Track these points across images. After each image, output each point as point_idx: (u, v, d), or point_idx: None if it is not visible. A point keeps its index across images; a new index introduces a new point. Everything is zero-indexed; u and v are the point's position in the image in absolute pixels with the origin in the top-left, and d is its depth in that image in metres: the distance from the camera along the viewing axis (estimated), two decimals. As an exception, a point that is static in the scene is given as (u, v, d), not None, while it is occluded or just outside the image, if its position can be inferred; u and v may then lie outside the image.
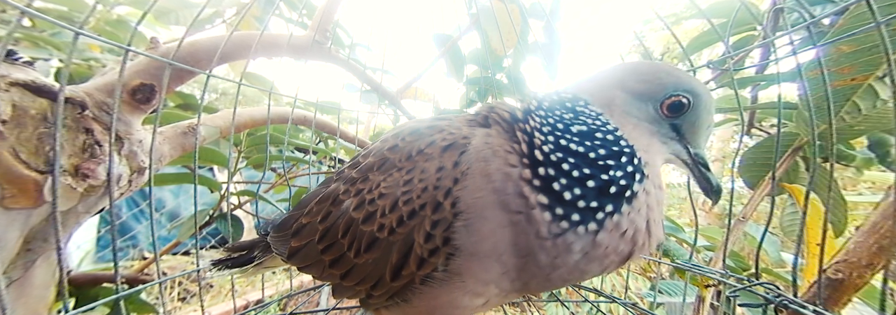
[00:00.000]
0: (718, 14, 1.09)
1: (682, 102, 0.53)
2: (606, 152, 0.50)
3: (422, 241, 0.49)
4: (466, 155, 0.51)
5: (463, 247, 0.48)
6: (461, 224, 0.48)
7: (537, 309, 3.40)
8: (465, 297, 0.51)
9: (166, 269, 3.14)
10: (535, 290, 0.57)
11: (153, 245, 0.64)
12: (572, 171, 0.48)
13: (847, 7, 0.66)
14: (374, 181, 0.57)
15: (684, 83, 0.53)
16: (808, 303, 0.54)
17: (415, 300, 0.53)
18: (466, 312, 0.55)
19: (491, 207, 0.48)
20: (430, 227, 0.49)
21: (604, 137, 0.51)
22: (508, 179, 0.49)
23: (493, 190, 0.48)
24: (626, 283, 1.38)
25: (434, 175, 0.51)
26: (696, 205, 0.84)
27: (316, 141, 1.72)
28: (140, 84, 0.74)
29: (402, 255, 0.51)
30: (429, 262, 0.50)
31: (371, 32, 1.67)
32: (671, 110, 0.53)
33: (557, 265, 0.50)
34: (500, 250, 0.48)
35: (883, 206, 0.62)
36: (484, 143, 0.52)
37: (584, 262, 0.50)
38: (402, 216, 0.51)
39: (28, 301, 0.64)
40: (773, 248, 1.13)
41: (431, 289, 0.51)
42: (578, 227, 0.48)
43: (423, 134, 0.57)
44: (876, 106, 0.79)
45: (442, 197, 0.49)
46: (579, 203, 0.48)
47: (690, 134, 0.55)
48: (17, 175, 0.57)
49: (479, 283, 0.50)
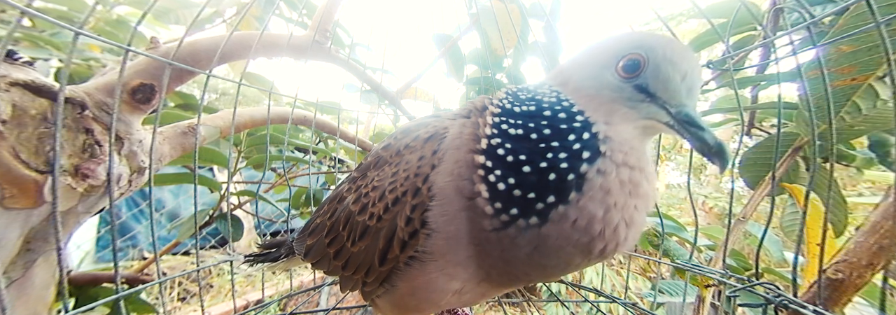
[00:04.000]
0: (718, 14, 1.09)
1: (635, 60, 0.47)
2: (550, 132, 0.46)
3: (403, 225, 0.51)
4: (444, 142, 0.53)
5: (437, 227, 0.49)
6: (435, 205, 0.49)
7: (537, 309, 3.40)
8: (441, 278, 0.53)
9: (166, 269, 3.14)
10: (500, 281, 0.55)
11: (153, 245, 0.64)
12: (507, 156, 0.46)
13: (847, 7, 0.66)
14: (370, 177, 0.61)
15: (634, 40, 0.48)
16: (808, 303, 0.54)
17: (399, 283, 0.55)
18: (444, 296, 0.56)
19: (453, 191, 0.49)
20: (409, 211, 0.51)
21: (552, 115, 0.47)
22: (468, 166, 0.49)
23: (458, 175, 0.49)
24: (626, 283, 1.38)
25: (415, 164, 0.53)
26: (695, 205, 0.85)
27: (316, 141, 1.72)
28: (140, 84, 0.74)
29: (387, 240, 0.54)
30: (409, 244, 0.51)
31: (371, 32, 1.67)
32: (627, 71, 0.47)
33: (508, 259, 0.48)
34: (461, 234, 0.49)
35: (883, 206, 0.62)
36: (459, 131, 0.53)
37: (537, 255, 0.47)
38: (388, 204, 0.54)
39: (28, 301, 0.64)
40: (775, 248, 1.13)
41: (411, 269, 0.53)
42: (518, 220, 0.45)
43: (411, 130, 0.60)
44: (876, 106, 0.79)
45: (421, 182, 0.51)
46: (515, 192, 0.44)
47: (662, 92, 0.47)
48: (17, 175, 0.57)
49: (449, 263, 0.51)
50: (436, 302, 0.57)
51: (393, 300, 0.59)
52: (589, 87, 0.50)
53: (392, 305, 0.61)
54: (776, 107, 0.67)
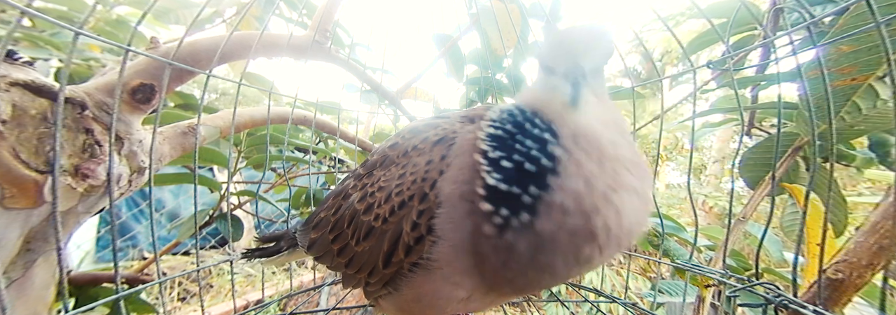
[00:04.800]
0: (718, 14, 1.09)
1: (541, 56, 0.52)
2: (517, 130, 0.49)
3: (408, 230, 0.51)
4: (453, 148, 0.53)
5: (443, 235, 0.49)
6: (442, 211, 0.49)
7: (537, 309, 3.40)
8: (446, 286, 0.53)
9: (166, 269, 3.14)
10: (509, 291, 0.55)
11: (153, 245, 0.64)
12: (492, 153, 0.47)
13: (847, 7, 0.66)
14: (376, 176, 0.61)
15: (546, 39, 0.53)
16: (808, 303, 0.54)
17: (404, 288, 0.55)
18: (451, 305, 0.55)
19: (459, 198, 0.49)
20: (416, 216, 0.51)
21: (520, 112, 0.51)
22: (471, 170, 0.49)
23: (462, 181, 0.50)
24: (626, 283, 1.38)
25: (423, 167, 0.53)
26: (695, 204, 0.85)
27: (316, 141, 1.72)
28: (140, 84, 0.74)
29: (392, 243, 0.54)
30: (415, 249, 0.51)
31: (371, 32, 1.67)
32: (540, 61, 0.53)
33: (513, 268, 0.47)
34: (466, 243, 0.49)
35: (883, 206, 0.62)
36: (469, 137, 0.54)
37: (542, 256, 0.46)
38: (394, 206, 0.54)
39: (28, 301, 0.64)
40: (775, 248, 1.13)
41: (417, 276, 0.53)
42: (512, 221, 0.44)
43: (420, 131, 0.60)
44: (876, 106, 0.79)
45: (428, 188, 0.51)
46: (501, 187, 0.45)
47: (551, 60, 0.50)
48: (17, 175, 0.57)
49: (455, 271, 0.51)
50: (442, 309, 0.57)
51: (397, 304, 0.59)
52: (538, 85, 0.54)
53: (396, 309, 0.60)
54: (776, 107, 0.67)
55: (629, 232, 0.48)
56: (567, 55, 0.49)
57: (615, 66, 7.55)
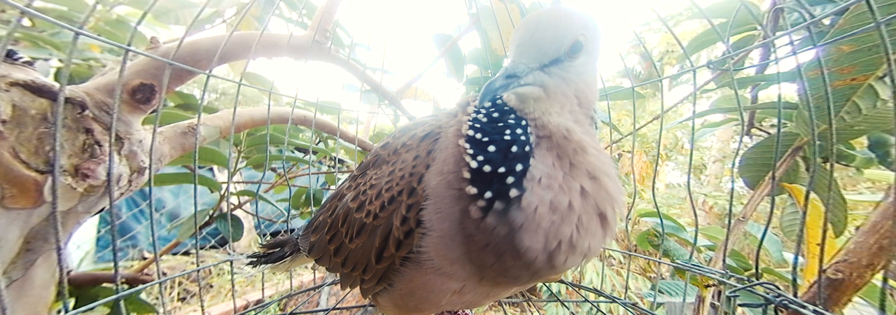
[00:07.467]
0: (718, 14, 1.09)
1: None
2: (499, 115, 0.51)
3: (398, 224, 0.53)
4: (439, 142, 0.55)
5: (431, 226, 0.50)
6: (429, 203, 0.51)
7: (537, 309, 3.40)
8: (438, 278, 0.53)
9: (166, 269, 3.14)
10: (496, 280, 0.54)
11: (153, 245, 0.64)
12: (477, 136, 0.49)
13: (847, 7, 0.66)
14: (368, 175, 0.62)
15: None
16: (808, 303, 0.54)
17: (397, 283, 0.56)
18: (444, 297, 0.56)
19: (445, 187, 0.50)
20: (405, 210, 0.52)
21: (501, 107, 0.53)
22: (456, 157, 0.51)
23: (448, 170, 0.51)
24: (626, 283, 1.38)
25: (411, 163, 0.55)
26: (695, 204, 0.85)
27: (316, 141, 1.72)
28: (140, 84, 0.74)
29: (383, 239, 0.55)
30: (405, 243, 0.52)
31: (371, 32, 1.67)
32: None
33: (495, 250, 0.48)
34: (454, 230, 0.50)
35: (883, 206, 0.62)
36: (454, 130, 0.55)
37: (516, 239, 0.47)
38: (384, 202, 0.55)
39: (28, 301, 0.64)
40: (775, 248, 1.13)
41: (408, 270, 0.54)
42: (494, 203, 0.46)
43: (409, 129, 0.62)
44: (876, 106, 0.79)
45: (416, 182, 0.53)
46: (485, 168, 0.47)
47: (510, 51, 0.54)
48: (17, 175, 0.57)
49: (446, 261, 0.52)
50: (436, 302, 0.57)
51: (393, 299, 0.60)
52: None
53: (393, 304, 0.61)
54: (776, 107, 0.67)
55: (601, 212, 0.50)
56: (514, 47, 0.51)
57: (615, 67, 7.54)
